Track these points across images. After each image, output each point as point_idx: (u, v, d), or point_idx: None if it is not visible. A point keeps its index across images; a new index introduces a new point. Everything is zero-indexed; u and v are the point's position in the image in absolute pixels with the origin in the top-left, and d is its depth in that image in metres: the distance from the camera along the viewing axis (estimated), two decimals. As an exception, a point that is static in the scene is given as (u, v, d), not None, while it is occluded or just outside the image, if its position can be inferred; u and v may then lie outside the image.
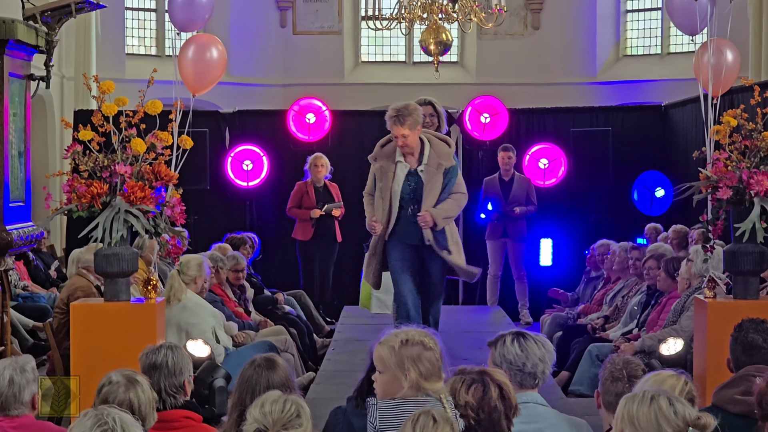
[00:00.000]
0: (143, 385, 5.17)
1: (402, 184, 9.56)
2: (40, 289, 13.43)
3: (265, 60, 21.35)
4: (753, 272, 7.91)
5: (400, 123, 9.31)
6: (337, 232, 14.17)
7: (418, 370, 4.72)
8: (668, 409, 4.05)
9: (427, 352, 4.74)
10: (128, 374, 5.21)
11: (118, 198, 7.47)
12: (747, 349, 5.55)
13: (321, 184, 14.10)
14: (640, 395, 4.15)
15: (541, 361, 5.22)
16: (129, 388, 5.11)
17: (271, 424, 4.18)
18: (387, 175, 9.58)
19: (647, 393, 4.15)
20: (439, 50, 14.38)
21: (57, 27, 8.22)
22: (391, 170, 9.58)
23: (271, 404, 4.25)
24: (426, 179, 9.45)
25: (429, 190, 9.44)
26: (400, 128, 9.32)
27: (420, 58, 21.31)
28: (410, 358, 4.74)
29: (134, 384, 5.14)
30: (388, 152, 9.63)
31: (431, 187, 9.44)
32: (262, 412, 4.22)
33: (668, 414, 4.04)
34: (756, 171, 7.64)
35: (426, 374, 4.72)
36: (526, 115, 16.67)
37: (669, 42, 21.15)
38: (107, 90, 7.60)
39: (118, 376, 5.19)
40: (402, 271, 9.69)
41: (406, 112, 9.31)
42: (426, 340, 4.78)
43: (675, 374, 4.87)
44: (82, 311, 7.78)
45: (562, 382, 10.27)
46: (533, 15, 21.56)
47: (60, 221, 16.40)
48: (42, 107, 17.25)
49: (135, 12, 21.10)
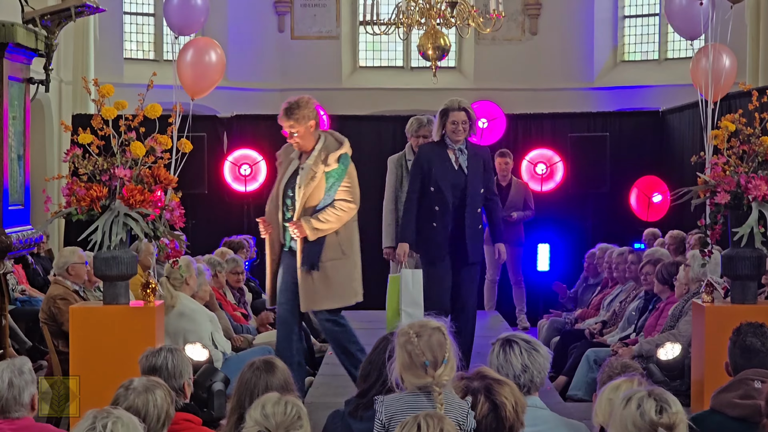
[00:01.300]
0: (155, 393, 5.15)
1: (286, 182, 8.85)
2: (38, 293, 13.42)
3: (262, 65, 21.35)
4: (751, 277, 7.92)
5: (287, 115, 8.67)
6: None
7: (400, 360, 4.80)
8: (635, 411, 4.12)
9: (408, 345, 4.77)
10: (146, 383, 5.20)
11: (118, 201, 7.48)
12: (745, 353, 5.56)
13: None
14: (620, 398, 4.23)
15: (525, 371, 5.22)
16: (140, 394, 5.11)
17: (275, 426, 4.19)
18: (280, 172, 8.95)
19: (626, 395, 4.23)
20: (437, 55, 14.39)
21: (56, 30, 8.24)
22: (285, 167, 8.92)
23: (273, 406, 4.25)
24: (302, 181, 8.67)
25: (304, 194, 8.63)
26: (286, 120, 8.66)
27: (418, 63, 21.34)
28: (399, 346, 4.82)
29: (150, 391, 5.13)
30: (289, 150, 8.94)
31: (306, 192, 8.64)
32: (264, 414, 4.22)
33: (635, 418, 4.11)
34: (754, 176, 7.66)
35: (404, 366, 4.76)
36: (523, 121, 16.69)
37: (666, 48, 21.16)
38: (107, 93, 7.61)
39: (138, 382, 5.19)
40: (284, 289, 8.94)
41: (296, 105, 8.67)
42: (411, 333, 4.81)
43: (627, 379, 4.94)
44: (81, 314, 7.77)
45: (560, 387, 10.28)
46: (531, 20, 21.57)
47: (58, 225, 16.39)
48: (40, 111, 17.23)
49: (133, 17, 21.09)
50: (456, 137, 9.44)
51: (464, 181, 9.50)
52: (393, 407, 4.75)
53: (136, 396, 5.09)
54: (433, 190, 9.50)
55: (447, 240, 9.53)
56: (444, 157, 9.52)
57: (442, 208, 9.48)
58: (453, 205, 9.47)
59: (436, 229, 9.51)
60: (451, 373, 4.78)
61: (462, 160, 9.50)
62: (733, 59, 9.02)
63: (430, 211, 9.53)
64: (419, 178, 9.58)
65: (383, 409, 4.74)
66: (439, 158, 9.52)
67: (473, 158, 9.55)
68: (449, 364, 4.77)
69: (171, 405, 5.24)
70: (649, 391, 4.20)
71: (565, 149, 15.88)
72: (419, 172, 9.60)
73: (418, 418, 4.13)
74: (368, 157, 15.86)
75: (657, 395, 4.19)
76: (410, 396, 4.76)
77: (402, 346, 4.79)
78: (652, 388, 4.27)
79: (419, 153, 9.85)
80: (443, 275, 9.53)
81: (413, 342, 4.75)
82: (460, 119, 9.43)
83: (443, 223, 9.50)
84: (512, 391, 4.77)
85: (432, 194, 9.51)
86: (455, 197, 9.49)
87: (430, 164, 9.52)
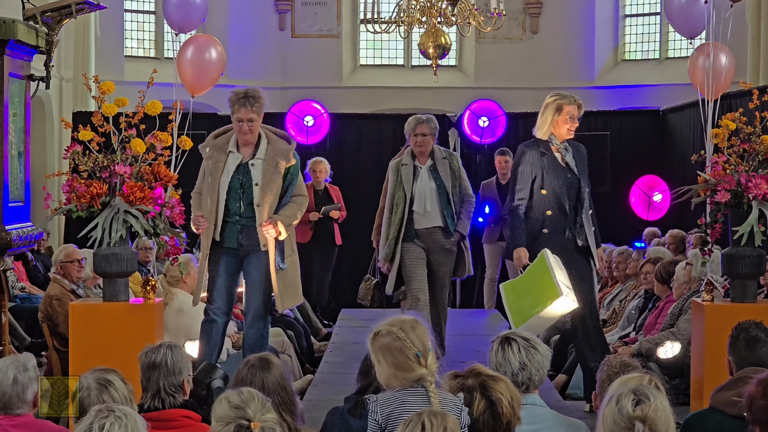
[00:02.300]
0: (115, 384, 5.15)
1: (231, 176, 8.37)
2: (38, 291, 13.42)
3: (263, 63, 21.34)
4: (751, 275, 7.92)
5: (251, 105, 8.25)
6: (337, 235, 14.12)
7: (389, 361, 4.80)
8: (614, 407, 4.11)
9: (395, 342, 4.78)
10: (98, 376, 5.19)
11: (118, 198, 7.48)
12: (750, 343, 5.58)
13: (321, 188, 14.07)
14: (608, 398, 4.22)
15: (523, 369, 5.21)
16: (101, 392, 5.10)
17: (253, 412, 4.15)
18: (218, 166, 8.37)
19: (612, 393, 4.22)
20: (437, 54, 14.39)
21: (57, 27, 8.22)
22: (222, 161, 8.39)
23: (238, 396, 4.21)
24: (261, 178, 8.33)
25: (265, 192, 8.32)
26: (248, 111, 8.23)
27: (418, 62, 21.32)
28: (381, 349, 4.82)
29: (107, 387, 5.13)
30: (221, 144, 8.47)
31: (269, 189, 8.33)
32: (234, 406, 4.17)
33: (615, 414, 4.10)
34: (754, 174, 7.65)
35: (397, 365, 4.77)
36: (524, 119, 16.65)
37: (667, 47, 21.17)
38: (107, 90, 7.61)
39: (89, 380, 5.17)
40: (219, 278, 8.55)
41: (257, 95, 8.29)
42: (394, 330, 4.81)
43: (640, 375, 4.91)
44: (81, 311, 7.78)
45: (560, 386, 10.27)
46: (532, 19, 21.58)
47: (58, 223, 16.39)
48: (41, 108, 17.25)
49: (134, 14, 21.09)
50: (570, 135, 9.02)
51: (576, 180, 8.94)
52: (389, 406, 4.75)
53: (97, 395, 5.08)
54: (545, 193, 8.87)
55: (560, 245, 8.79)
56: (551, 157, 8.91)
57: (555, 212, 8.83)
58: (567, 207, 8.83)
59: (546, 236, 8.85)
60: (434, 359, 4.83)
61: (568, 158, 9.01)
62: (730, 58, 9.02)
63: (540, 215, 8.87)
64: (528, 182, 8.84)
65: (378, 408, 4.75)
66: (549, 160, 8.88)
67: (577, 154, 9.10)
68: (431, 351, 4.83)
69: (126, 385, 5.21)
70: (634, 388, 4.17)
71: (565, 148, 15.86)
72: (529, 175, 8.85)
73: (422, 417, 4.09)
74: (368, 156, 15.92)
75: (638, 389, 4.15)
76: (404, 393, 4.77)
77: (387, 347, 4.79)
78: (638, 386, 4.22)
79: (522, 155, 9.02)
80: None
81: (401, 337, 4.76)
82: (577, 115, 9.08)
83: (556, 227, 8.86)
84: (507, 386, 4.78)
85: (543, 197, 8.87)
86: (570, 198, 8.89)
87: (537, 166, 8.84)
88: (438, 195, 10.23)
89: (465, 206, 10.37)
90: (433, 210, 10.22)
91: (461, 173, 10.41)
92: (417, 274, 10.13)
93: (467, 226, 10.41)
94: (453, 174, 10.30)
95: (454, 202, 10.26)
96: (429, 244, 10.24)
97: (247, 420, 4.11)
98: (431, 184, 10.24)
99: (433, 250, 10.27)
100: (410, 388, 4.78)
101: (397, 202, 10.25)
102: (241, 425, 4.10)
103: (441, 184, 10.24)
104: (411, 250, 10.20)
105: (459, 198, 10.32)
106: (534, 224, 8.84)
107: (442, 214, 10.21)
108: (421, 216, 10.23)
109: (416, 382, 4.77)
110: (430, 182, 10.25)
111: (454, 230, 10.24)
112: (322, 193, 14.06)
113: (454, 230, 10.24)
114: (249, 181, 8.32)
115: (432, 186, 10.24)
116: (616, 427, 4.08)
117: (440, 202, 10.22)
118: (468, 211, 10.40)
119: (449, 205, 10.23)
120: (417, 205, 10.22)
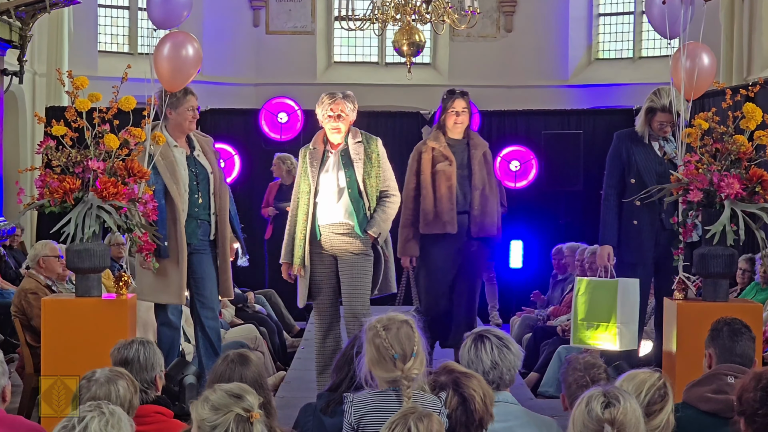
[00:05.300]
0: (120, 383, 5.16)
1: (187, 169, 8.69)
2: (9, 286, 13.36)
3: (237, 59, 21.33)
4: (723, 275, 7.94)
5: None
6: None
7: (370, 355, 4.82)
8: (584, 409, 4.11)
9: (376, 339, 4.79)
10: (110, 373, 5.20)
11: (91, 194, 7.44)
12: (733, 335, 5.62)
13: (288, 183, 14.04)
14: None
15: (495, 368, 5.23)
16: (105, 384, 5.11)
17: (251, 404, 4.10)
18: (169, 161, 8.55)
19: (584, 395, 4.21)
20: (411, 51, 14.42)
21: (31, 22, 8.21)
22: (171, 155, 8.55)
23: (236, 385, 4.17)
24: (214, 170, 8.89)
25: (220, 184, 8.91)
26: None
27: (393, 59, 21.36)
28: (367, 340, 4.84)
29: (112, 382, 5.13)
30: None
31: (220, 182, 8.92)
32: (234, 394, 4.12)
33: (584, 416, 4.10)
34: (726, 174, 7.68)
35: (373, 360, 4.78)
36: (498, 118, 16.69)
37: (641, 46, 21.26)
38: (81, 86, 7.58)
39: (99, 374, 5.19)
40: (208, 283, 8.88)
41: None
42: (378, 327, 4.82)
43: (650, 371, 4.88)
44: (53, 307, 7.74)
45: (532, 384, 10.32)
46: (506, 17, 21.62)
47: (30, 218, 16.34)
48: (14, 103, 17.18)
49: (108, 9, 21.04)
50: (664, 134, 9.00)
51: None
52: (361, 408, 4.75)
53: (98, 387, 5.09)
54: (634, 182, 8.87)
55: (651, 240, 8.86)
56: (647, 147, 8.96)
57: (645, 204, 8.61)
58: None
59: (637, 227, 8.90)
60: (420, 366, 4.78)
61: (668, 148, 8.94)
62: (712, 58, 9.05)
63: (630, 207, 8.88)
64: (619, 170, 8.99)
65: (352, 409, 4.75)
66: (642, 147, 8.96)
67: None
68: (418, 357, 4.78)
69: (135, 395, 5.23)
70: (604, 390, 4.16)
71: (538, 146, 15.90)
72: (619, 163, 9.00)
73: (408, 422, 4.02)
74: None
75: (609, 392, 4.13)
76: (378, 395, 4.77)
77: (370, 340, 4.80)
78: (609, 389, 4.21)
79: (618, 143, 9.18)
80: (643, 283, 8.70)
81: (381, 335, 4.76)
82: (668, 120, 8.94)
83: (645, 221, 8.85)
84: (480, 383, 4.79)
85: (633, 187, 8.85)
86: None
87: (630, 153, 8.95)
88: (347, 185, 8.76)
89: (381, 203, 8.83)
90: (339, 204, 8.78)
91: (381, 161, 8.86)
92: (321, 290, 8.91)
93: (382, 227, 8.81)
94: (368, 160, 8.81)
95: (367, 195, 8.77)
96: (334, 245, 8.82)
97: (246, 410, 4.02)
98: (339, 173, 8.80)
99: (340, 254, 8.84)
100: (385, 391, 4.78)
101: (301, 194, 8.91)
102: (240, 415, 3.99)
103: (351, 173, 8.78)
104: (318, 258, 8.87)
105: (377, 191, 8.81)
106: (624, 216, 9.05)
107: (349, 209, 8.76)
108: (325, 211, 8.81)
109: (392, 383, 4.77)
110: (339, 171, 8.81)
111: (362, 231, 8.75)
112: (285, 189, 14.03)
113: (362, 231, 8.75)
114: (204, 173, 8.88)
115: (340, 175, 8.79)
116: (585, 429, 4.07)
117: (349, 195, 8.75)
118: (384, 209, 8.81)
119: (360, 198, 8.75)
120: (321, 196, 8.83)
